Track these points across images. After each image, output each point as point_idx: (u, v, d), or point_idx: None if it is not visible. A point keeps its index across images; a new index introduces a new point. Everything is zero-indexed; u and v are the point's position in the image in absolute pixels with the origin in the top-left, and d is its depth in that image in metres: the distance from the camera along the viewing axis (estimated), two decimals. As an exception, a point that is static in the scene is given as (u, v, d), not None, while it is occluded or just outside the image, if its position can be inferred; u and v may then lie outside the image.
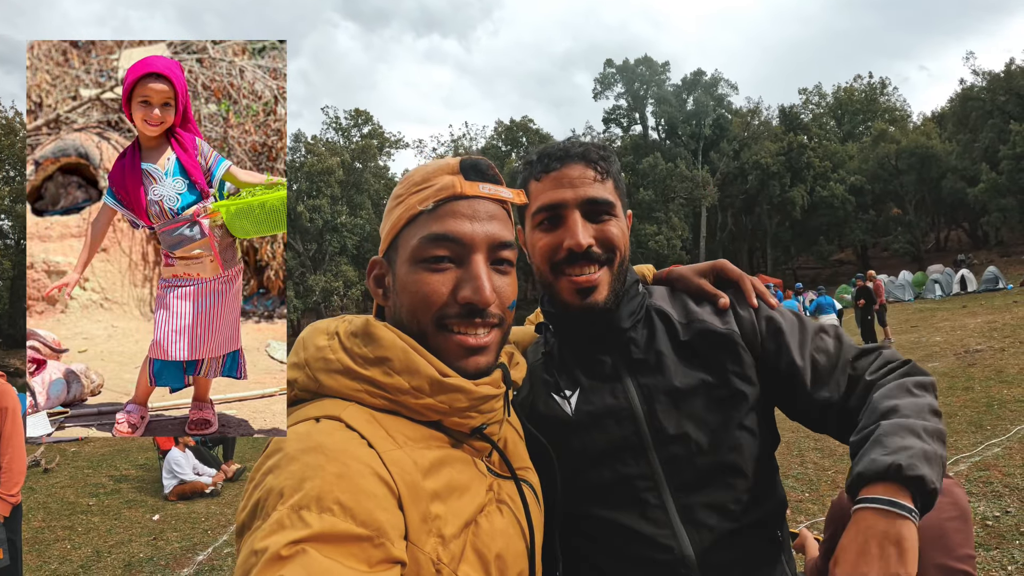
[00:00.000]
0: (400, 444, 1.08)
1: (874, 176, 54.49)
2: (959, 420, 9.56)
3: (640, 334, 1.58)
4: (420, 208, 1.20)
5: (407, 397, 1.13)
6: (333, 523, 0.91)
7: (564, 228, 1.50)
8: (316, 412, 1.10)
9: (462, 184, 1.20)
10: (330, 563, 0.88)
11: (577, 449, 1.50)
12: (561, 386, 1.58)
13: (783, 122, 62.96)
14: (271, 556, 0.86)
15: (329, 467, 0.96)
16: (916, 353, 16.86)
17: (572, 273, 1.50)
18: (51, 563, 8.36)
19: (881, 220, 56.06)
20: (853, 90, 69.29)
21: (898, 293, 34.93)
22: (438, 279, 1.18)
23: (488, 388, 1.19)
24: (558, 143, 1.59)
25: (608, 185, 1.54)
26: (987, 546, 5.45)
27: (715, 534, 1.42)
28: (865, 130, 65.22)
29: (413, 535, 1.01)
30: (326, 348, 1.18)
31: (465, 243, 1.18)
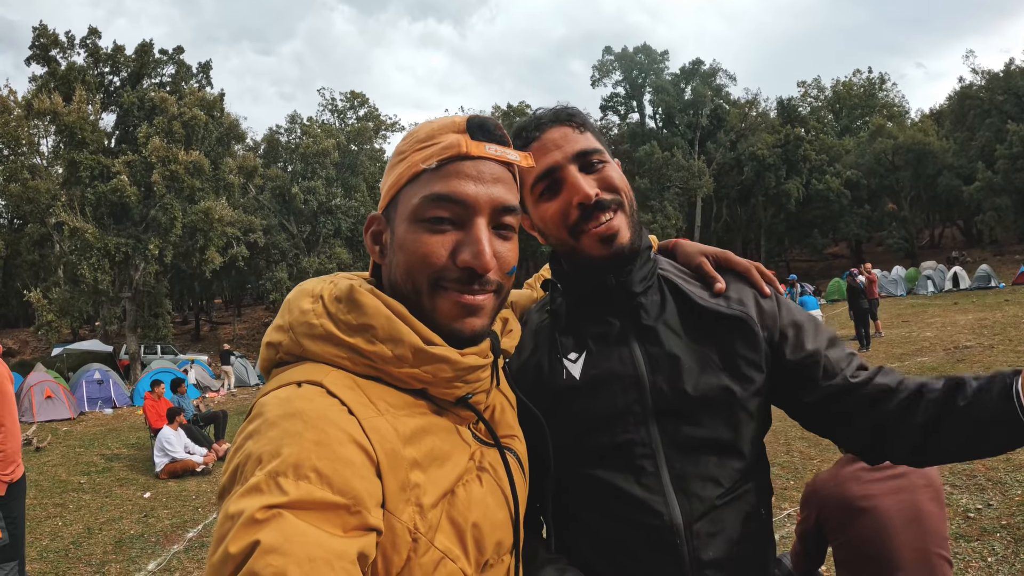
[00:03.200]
0: (381, 411, 1.07)
1: (870, 171, 54.45)
2: (946, 416, 9.63)
3: (650, 300, 1.57)
4: (423, 166, 1.16)
5: (390, 366, 1.11)
6: (310, 490, 0.91)
7: (566, 188, 1.49)
8: (298, 376, 1.08)
9: (468, 144, 1.16)
10: (306, 526, 0.88)
11: (579, 413, 1.50)
12: (568, 348, 1.57)
13: (781, 114, 62.86)
14: (246, 519, 0.86)
15: (308, 434, 0.96)
16: (907, 347, 17.01)
17: (590, 227, 1.48)
18: (42, 539, 8.41)
19: (876, 215, 56.11)
20: (852, 84, 69.12)
21: (891, 288, 35.07)
22: (437, 240, 1.14)
23: (474, 358, 1.17)
24: (524, 120, 1.59)
25: (588, 136, 1.53)
26: (968, 537, 5.53)
27: (704, 505, 1.44)
28: (863, 125, 65.06)
29: (390, 503, 1.01)
30: (310, 312, 1.15)
31: (468, 205, 1.14)
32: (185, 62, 42.63)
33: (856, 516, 3.11)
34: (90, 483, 11.58)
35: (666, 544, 1.42)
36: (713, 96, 62.00)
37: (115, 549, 7.94)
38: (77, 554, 7.81)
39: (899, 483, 3.13)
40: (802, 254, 62.95)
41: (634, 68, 65.51)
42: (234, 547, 0.84)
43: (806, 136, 58.15)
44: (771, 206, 58.76)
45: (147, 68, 41.27)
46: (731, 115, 61.88)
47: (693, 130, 61.36)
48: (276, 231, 47.54)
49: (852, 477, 3.18)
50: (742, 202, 62.00)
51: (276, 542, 0.85)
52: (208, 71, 44.12)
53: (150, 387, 14.26)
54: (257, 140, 60.02)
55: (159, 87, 41.04)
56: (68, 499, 10.53)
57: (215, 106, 39.61)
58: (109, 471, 12.50)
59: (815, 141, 57.90)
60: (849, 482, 3.18)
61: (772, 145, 56.42)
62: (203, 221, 35.57)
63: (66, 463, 13.52)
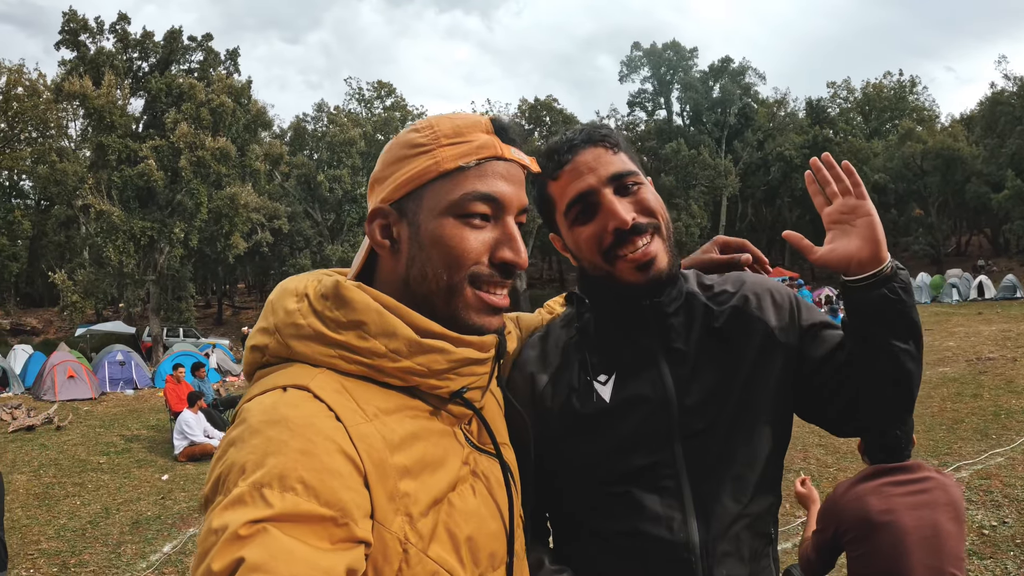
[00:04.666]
0: (370, 417, 1.05)
1: (898, 175, 53.79)
2: (965, 427, 9.57)
3: (679, 321, 1.55)
4: (461, 163, 1.16)
5: (384, 361, 1.09)
6: (296, 503, 0.89)
7: (602, 213, 1.45)
8: (284, 380, 1.06)
9: (501, 147, 1.20)
10: (292, 542, 0.86)
11: (607, 435, 1.50)
12: (597, 369, 1.55)
13: (809, 115, 62.31)
14: (231, 535, 0.84)
15: (293, 443, 0.94)
16: (929, 357, 16.78)
17: (626, 253, 1.45)
18: (60, 518, 8.53)
19: (902, 220, 55.48)
20: (882, 87, 68.37)
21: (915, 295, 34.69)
22: (476, 235, 1.16)
23: (469, 351, 1.17)
24: (556, 141, 1.56)
25: (623, 156, 1.50)
26: (981, 555, 5.50)
27: (722, 525, 1.44)
28: (892, 128, 64.39)
29: (379, 514, 0.99)
30: (296, 312, 1.13)
31: (503, 205, 1.18)
32: (213, 49, 42.83)
33: (874, 530, 3.09)
34: (109, 463, 11.73)
35: (681, 561, 1.43)
36: (742, 94, 61.56)
37: (132, 530, 8.04)
38: (94, 533, 7.92)
39: (920, 499, 3.10)
40: (827, 257, 62.39)
41: (662, 64, 65.14)
42: (217, 564, 0.83)
43: (835, 138, 57.63)
44: (797, 207, 58.26)
45: (176, 54, 41.50)
46: (759, 114, 61.49)
47: (720, 128, 60.96)
48: (301, 218, 47.76)
49: (873, 491, 3.15)
50: (768, 202, 61.57)
51: (261, 560, 0.83)
52: (236, 58, 44.30)
53: (171, 370, 14.38)
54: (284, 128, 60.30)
55: (187, 73, 41.25)
56: (87, 479, 10.67)
57: (243, 93, 39.77)
58: (128, 452, 12.65)
59: (843, 143, 57.36)
60: (869, 495, 3.14)
61: (800, 146, 55.91)
62: (228, 207, 35.76)
63: (86, 443, 13.70)
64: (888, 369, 1.41)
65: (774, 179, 57.24)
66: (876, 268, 1.38)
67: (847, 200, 1.45)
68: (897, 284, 1.38)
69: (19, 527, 8.15)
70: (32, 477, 10.80)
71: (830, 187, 1.50)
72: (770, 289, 1.61)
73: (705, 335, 1.54)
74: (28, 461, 12.00)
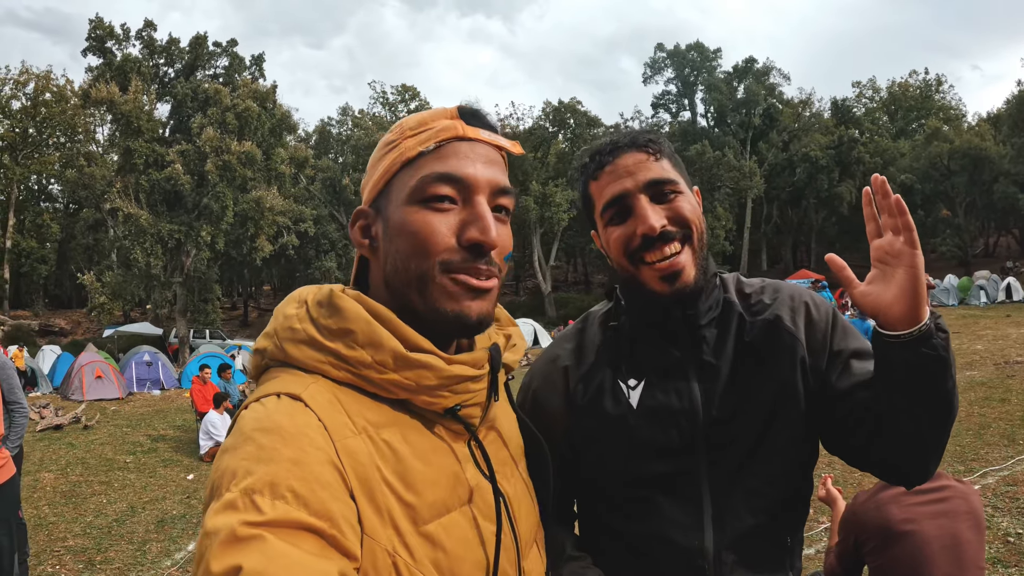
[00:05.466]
0: (359, 429, 1.03)
1: (925, 175, 53.22)
2: (992, 432, 9.43)
3: (712, 333, 1.54)
4: (420, 149, 1.14)
5: (371, 371, 1.07)
6: (286, 511, 0.88)
7: (633, 217, 1.46)
8: (278, 387, 1.06)
9: (464, 127, 1.16)
10: (287, 547, 0.85)
11: (631, 440, 1.51)
12: (628, 372, 1.57)
13: (835, 115, 61.85)
14: (224, 538, 0.85)
15: (285, 451, 0.94)
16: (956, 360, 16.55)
17: (652, 260, 1.45)
18: (87, 516, 8.62)
19: (930, 221, 54.82)
20: (908, 86, 67.73)
21: (942, 297, 34.28)
22: (440, 219, 1.11)
23: (463, 368, 1.12)
24: (603, 139, 1.57)
25: (664, 163, 1.49)
26: (1006, 563, 5.41)
27: (738, 534, 1.46)
28: (918, 127, 63.77)
29: (368, 527, 0.98)
30: (293, 317, 1.13)
31: (469, 183, 1.12)
32: (238, 54, 43.36)
33: (895, 540, 3.07)
34: (135, 462, 11.85)
35: (694, 566, 1.45)
36: (766, 95, 61.23)
37: (157, 528, 8.12)
38: (120, 531, 8.00)
39: (940, 508, 3.07)
40: (853, 259, 59.92)
41: (686, 66, 64.98)
42: (216, 566, 0.83)
43: (860, 138, 57.19)
44: (823, 209, 57.89)
45: (201, 60, 42.05)
46: (784, 115, 61.07)
47: (745, 129, 60.64)
48: (326, 221, 48.13)
49: (892, 500, 3.13)
50: (793, 204, 61.15)
51: (259, 566, 0.82)
52: (261, 63, 44.78)
53: (198, 371, 14.52)
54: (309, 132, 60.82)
55: (213, 79, 41.74)
56: (113, 477, 10.79)
57: (268, 98, 40.14)
58: (154, 451, 12.78)
59: (869, 143, 56.95)
60: (889, 505, 3.12)
61: (825, 146, 55.60)
62: (254, 210, 36.10)
63: (113, 442, 13.85)
64: (910, 432, 1.35)
65: (800, 180, 56.85)
66: (909, 328, 1.27)
67: (895, 241, 1.29)
68: (929, 349, 1.26)
69: (46, 524, 8.26)
70: (59, 475, 10.91)
71: (882, 219, 1.32)
72: (807, 302, 1.58)
73: (738, 348, 1.54)
74: (55, 460, 12.13)
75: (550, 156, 52.87)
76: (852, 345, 1.52)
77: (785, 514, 1.52)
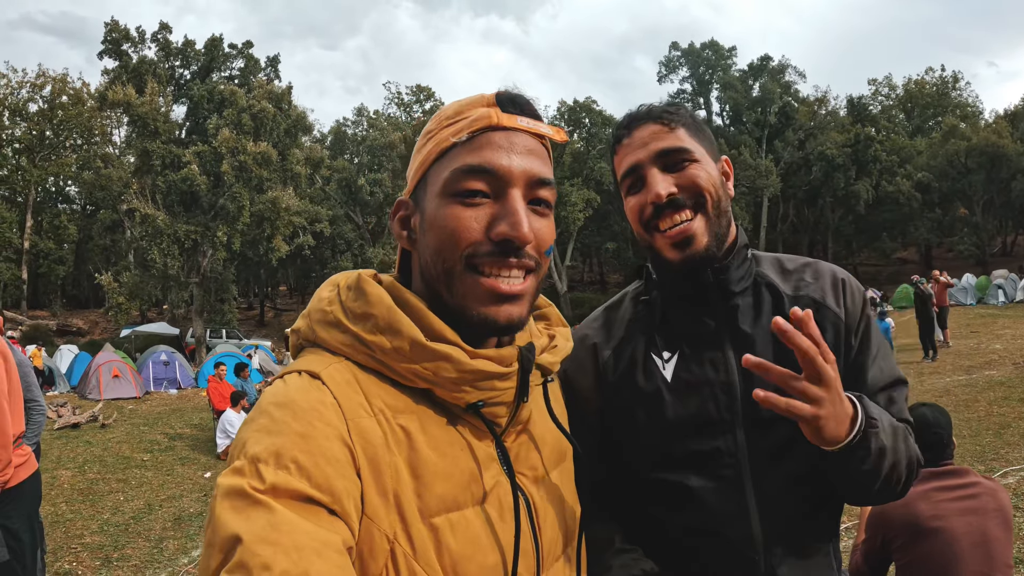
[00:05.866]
0: (375, 411, 1.02)
1: (942, 173, 52.82)
2: (1012, 432, 9.36)
3: (745, 303, 1.52)
4: (453, 140, 1.10)
5: (389, 358, 1.06)
6: (287, 480, 0.89)
7: (645, 186, 1.48)
8: (302, 365, 1.06)
9: (499, 115, 1.11)
10: (291, 514, 0.87)
11: (667, 416, 1.47)
12: (660, 346, 1.54)
13: (851, 113, 61.49)
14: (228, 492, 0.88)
15: (294, 424, 0.94)
16: (975, 359, 16.51)
17: (664, 227, 1.46)
18: (104, 513, 8.68)
19: (947, 219, 54.50)
20: (924, 83, 67.19)
21: (960, 296, 33.98)
22: (470, 214, 1.07)
23: (486, 363, 1.07)
24: (624, 116, 1.59)
25: (679, 133, 1.49)
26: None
27: (786, 521, 1.42)
28: (935, 125, 63.29)
29: (369, 509, 0.97)
30: (325, 300, 1.14)
31: (502, 176, 1.08)
32: (254, 56, 43.63)
33: (923, 536, 3.03)
34: (152, 461, 11.94)
35: (743, 558, 1.42)
36: (782, 93, 60.88)
37: (174, 526, 8.17)
38: (137, 529, 8.06)
39: (968, 504, 3.05)
40: (870, 258, 61.47)
41: (701, 64, 64.76)
42: (221, 533, 0.85)
43: (877, 136, 56.74)
44: (839, 208, 57.48)
45: (216, 62, 42.37)
46: (800, 113, 60.70)
47: (761, 128, 60.32)
48: (342, 221, 48.26)
49: (921, 496, 3.09)
50: (810, 203, 60.76)
51: (263, 531, 0.84)
52: (276, 65, 45.02)
53: (213, 369, 14.61)
54: (324, 132, 61.01)
55: (228, 80, 41.99)
56: (130, 475, 10.87)
57: (283, 99, 40.32)
58: (172, 450, 12.87)
59: (886, 141, 56.47)
60: (918, 501, 3.08)
61: (842, 145, 55.23)
62: (270, 210, 36.27)
63: (130, 440, 13.94)
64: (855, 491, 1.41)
65: (816, 179, 56.50)
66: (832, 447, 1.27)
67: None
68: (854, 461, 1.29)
69: (63, 521, 8.33)
70: (77, 473, 11.00)
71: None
72: (844, 280, 1.58)
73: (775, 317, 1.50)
74: (73, 458, 12.24)
75: (565, 156, 52.73)
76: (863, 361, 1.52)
77: (828, 502, 1.48)
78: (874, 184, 54.07)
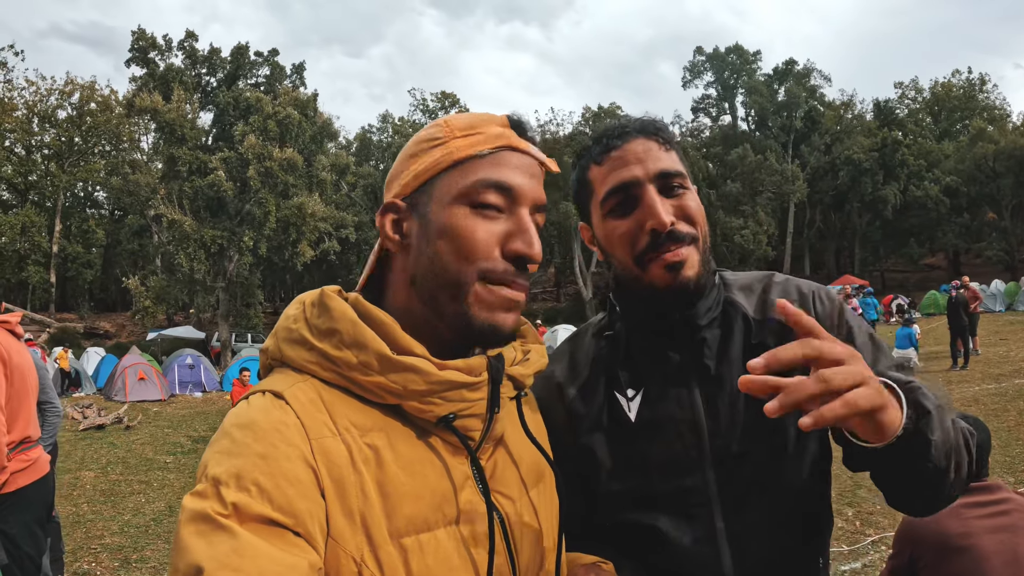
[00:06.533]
0: (340, 431, 1.02)
1: (970, 177, 52.14)
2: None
3: (713, 335, 1.43)
4: (472, 152, 1.12)
5: (356, 373, 1.05)
6: (248, 503, 0.89)
7: (641, 208, 1.35)
8: (266, 385, 1.07)
9: (515, 138, 1.15)
10: (254, 538, 0.87)
11: (631, 456, 1.40)
12: (625, 383, 1.45)
13: (877, 116, 60.96)
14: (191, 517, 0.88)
15: (255, 446, 0.94)
16: (1004, 367, 16.28)
17: (659, 255, 1.34)
18: (124, 514, 8.73)
19: (975, 224, 53.81)
20: (951, 86, 66.39)
21: (989, 303, 33.47)
22: (488, 227, 1.10)
23: (455, 374, 1.07)
24: (608, 125, 1.45)
25: (673, 155, 1.40)
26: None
27: (759, 556, 1.34)
28: (962, 128, 62.55)
29: (335, 530, 0.96)
30: (291, 317, 1.13)
31: (517, 195, 1.12)
32: (279, 64, 44.11)
33: (953, 555, 2.93)
34: (175, 463, 12.01)
35: None
36: (807, 97, 60.54)
37: (193, 528, 8.20)
38: (157, 531, 8.09)
39: (1000, 521, 2.94)
40: (897, 264, 60.81)
41: (726, 69, 64.58)
42: (185, 559, 0.85)
43: (904, 140, 56.27)
44: (867, 213, 56.94)
45: (243, 69, 42.86)
46: (826, 117, 60.33)
47: (787, 132, 59.99)
48: (367, 227, 48.49)
49: (951, 513, 2.95)
50: (836, 208, 60.27)
51: (225, 557, 0.84)
52: (302, 72, 45.48)
53: (238, 374, 14.71)
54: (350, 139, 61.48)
55: (254, 87, 42.42)
56: (153, 477, 10.94)
57: (308, 105, 40.64)
58: (194, 452, 12.93)
59: (913, 145, 55.96)
60: (948, 518, 2.97)
61: (868, 149, 54.73)
62: (296, 216, 36.59)
63: (153, 442, 14.06)
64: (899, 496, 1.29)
65: (843, 184, 56.03)
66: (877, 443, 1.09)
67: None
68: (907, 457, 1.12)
69: (84, 522, 8.38)
70: (99, 474, 11.08)
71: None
72: (814, 292, 1.49)
73: (744, 351, 1.41)
74: (96, 459, 12.34)
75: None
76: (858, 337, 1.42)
77: (809, 532, 1.41)
78: (901, 189, 53.53)
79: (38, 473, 4.12)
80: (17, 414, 4.03)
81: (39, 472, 4.13)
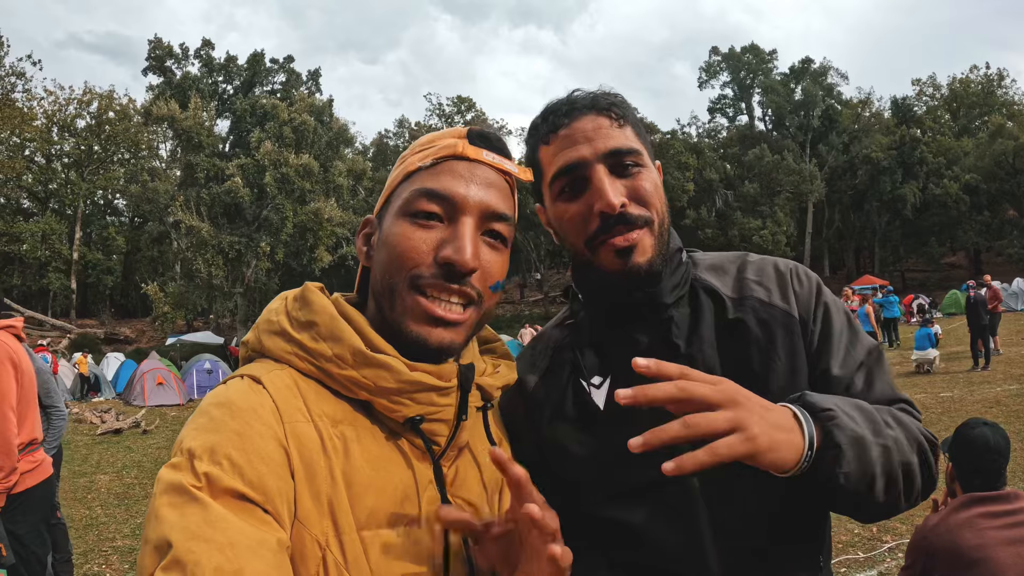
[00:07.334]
0: (313, 418, 1.04)
1: (990, 174, 51.66)
2: (1061, 445, 9.05)
3: (681, 313, 1.36)
4: (418, 164, 1.15)
5: (331, 365, 1.07)
6: (220, 476, 0.91)
7: (590, 191, 1.29)
8: (244, 371, 1.09)
9: (465, 146, 1.15)
10: (225, 512, 0.89)
11: (602, 446, 1.32)
12: (591, 371, 1.38)
13: (895, 114, 60.44)
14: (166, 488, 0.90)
15: (231, 423, 0.97)
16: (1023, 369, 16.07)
17: (609, 239, 1.28)
18: (137, 517, 8.78)
19: (996, 222, 53.26)
20: (969, 82, 65.65)
21: (1010, 302, 33.05)
22: (421, 235, 1.10)
23: (425, 376, 1.08)
24: (556, 101, 1.39)
25: (628, 131, 1.32)
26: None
27: (748, 552, 1.26)
28: (981, 125, 61.86)
29: (302, 513, 0.98)
30: (273, 310, 1.17)
31: (456, 202, 1.11)
32: (295, 70, 44.46)
33: (966, 567, 2.86)
34: (190, 468, 12.07)
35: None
36: (824, 96, 60.14)
37: (206, 532, 8.24)
38: (168, 534, 8.13)
39: (1016, 533, 2.87)
40: (917, 263, 60.29)
41: (742, 68, 64.34)
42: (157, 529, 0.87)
43: (922, 137, 55.81)
44: (886, 212, 56.49)
45: (259, 77, 43.28)
46: (843, 116, 59.92)
47: (804, 132, 59.67)
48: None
49: (965, 524, 2.92)
50: (855, 208, 59.81)
51: (197, 527, 0.86)
52: (317, 78, 45.77)
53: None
54: (366, 144, 61.68)
55: (271, 94, 42.71)
56: (167, 481, 10.98)
57: (324, 112, 40.99)
58: (209, 458, 13.00)
59: (932, 143, 55.50)
60: (962, 529, 2.92)
61: (887, 147, 54.34)
62: (313, 221, 36.83)
63: (170, 446, 13.81)
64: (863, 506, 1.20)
65: (861, 183, 55.67)
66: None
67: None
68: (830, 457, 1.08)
69: (97, 525, 8.44)
70: (114, 477, 11.17)
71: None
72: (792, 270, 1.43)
73: (720, 332, 1.35)
74: (112, 462, 12.44)
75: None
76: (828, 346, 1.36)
77: (805, 525, 1.33)
78: (921, 187, 53.11)
79: (44, 474, 4.25)
80: (25, 416, 4.15)
81: (45, 473, 4.26)
